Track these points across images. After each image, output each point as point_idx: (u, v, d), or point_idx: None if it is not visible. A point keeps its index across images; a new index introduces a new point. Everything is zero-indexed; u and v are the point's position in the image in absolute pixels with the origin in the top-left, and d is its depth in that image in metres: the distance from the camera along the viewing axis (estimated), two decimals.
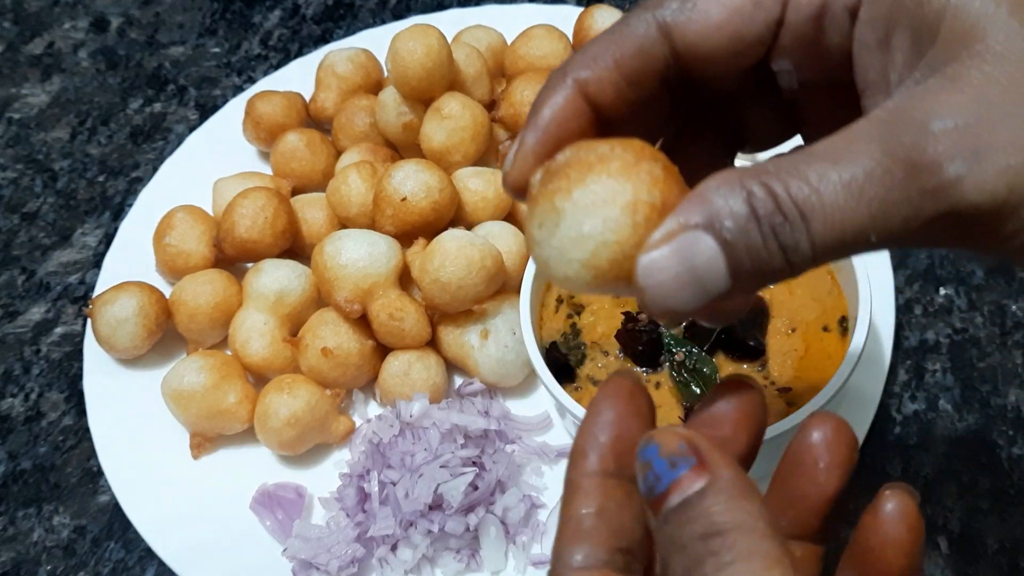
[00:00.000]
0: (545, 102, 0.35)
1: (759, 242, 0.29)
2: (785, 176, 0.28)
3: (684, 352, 0.62)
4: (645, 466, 0.29)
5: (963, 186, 0.28)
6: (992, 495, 0.66)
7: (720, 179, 0.29)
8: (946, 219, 0.29)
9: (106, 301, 0.73)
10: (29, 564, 0.69)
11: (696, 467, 0.28)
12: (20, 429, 0.76)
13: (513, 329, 0.70)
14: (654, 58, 0.35)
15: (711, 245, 0.29)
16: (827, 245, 0.28)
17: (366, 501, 0.66)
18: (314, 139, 0.83)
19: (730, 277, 0.29)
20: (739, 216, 0.29)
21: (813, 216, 0.28)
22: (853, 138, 0.29)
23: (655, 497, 0.28)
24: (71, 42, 1.03)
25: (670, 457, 0.28)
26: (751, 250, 0.29)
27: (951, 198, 0.28)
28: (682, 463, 0.28)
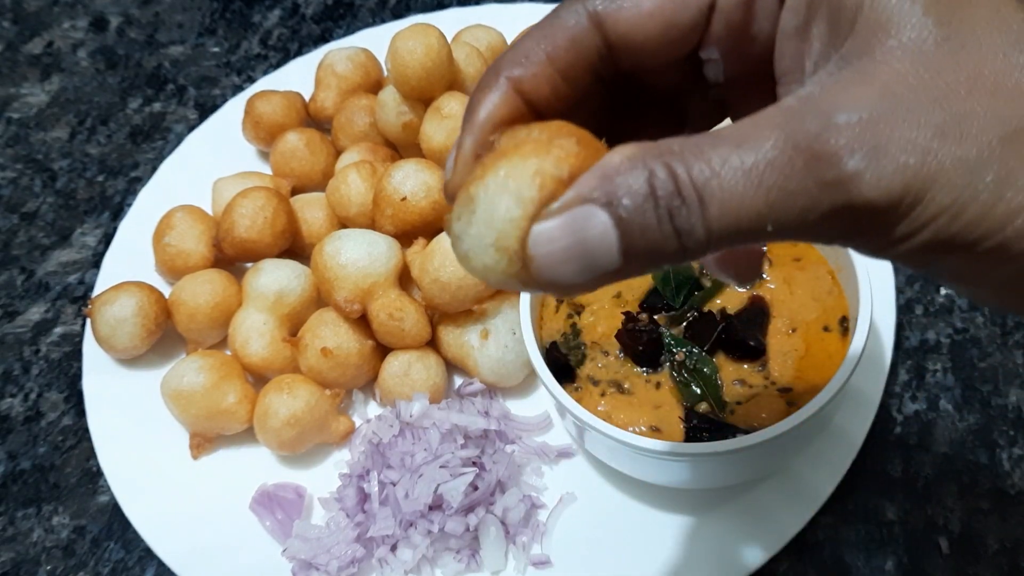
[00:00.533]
0: (480, 103, 0.34)
1: (654, 223, 0.28)
2: (689, 157, 0.28)
3: (684, 352, 0.62)
4: None
5: (861, 181, 0.28)
6: (992, 495, 0.66)
7: (624, 154, 0.29)
8: (842, 213, 0.28)
9: (105, 301, 0.73)
10: (29, 564, 0.69)
11: None
12: (20, 429, 0.76)
13: (513, 329, 0.70)
14: (587, 50, 0.34)
15: (605, 220, 0.28)
16: (722, 231, 0.28)
17: (366, 501, 0.66)
18: (314, 139, 0.83)
19: (621, 256, 0.28)
20: (637, 195, 0.28)
21: (711, 201, 0.28)
22: (759, 124, 0.29)
23: None
24: (70, 42, 1.03)
25: None
26: (645, 230, 0.28)
27: (848, 192, 0.28)
28: None
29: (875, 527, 0.65)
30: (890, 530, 0.65)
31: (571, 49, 0.34)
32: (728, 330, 0.62)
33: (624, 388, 0.62)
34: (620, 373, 0.63)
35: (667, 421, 0.60)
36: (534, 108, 0.34)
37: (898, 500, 0.66)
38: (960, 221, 0.28)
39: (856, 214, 0.28)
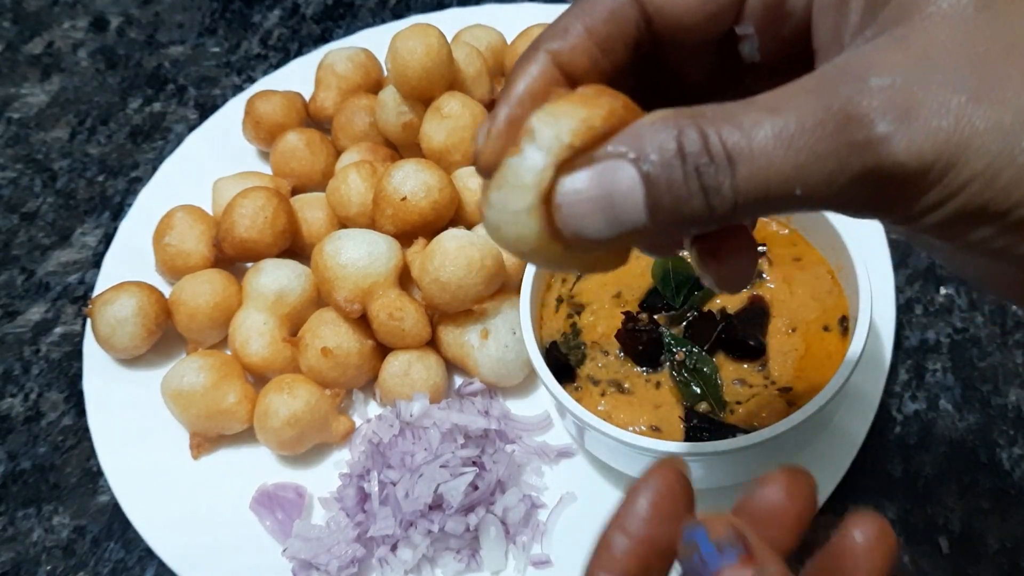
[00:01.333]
0: (519, 76, 0.34)
1: (680, 180, 0.28)
2: (720, 120, 0.28)
3: (684, 352, 0.62)
4: (690, 547, 0.29)
5: (890, 144, 0.27)
6: (993, 495, 0.66)
7: (656, 115, 0.29)
8: (871, 178, 0.28)
9: (106, 301, 0.73)
10: (29, 564, 0.69)
11: (744, 557, 0.28)
12: (20, 429, 0.76)
13: (513, 329, 0.70)
14: (625, 23, 0.34)
15: (631, 175, 0.28)
16: (750, 193, 0.28)
17: (366, 501, 0.66)
18: (314, 139, 0.83)
19: (647, 211, 0.29)
20: (665, 151, 0.28)
21: (740, 161, 0.28)
22: (793, 90, 0.29)
23: None
24: (70, 42, 1.03)
25: (718, 542, 0.28)
26: (672, 187, 0.28)
27: (878, 155, 0.27)
28: (730, 550, 0.28)
29: None
30: None
31: (610, 22, 0.34)
32: (728, 330, 0.62)
33: (624, 388, 0.62)
34: (620, 373, 0.63)
35: (667, 421, 0.60)
36: (572, 82, 0.34)
37: (898, 500, 0.66)
38: (994, 187, 0.27)
39: (885, 179, 0.28)
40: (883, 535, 0.30)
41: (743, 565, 0.28)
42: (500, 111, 0.34)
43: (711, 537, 0.28)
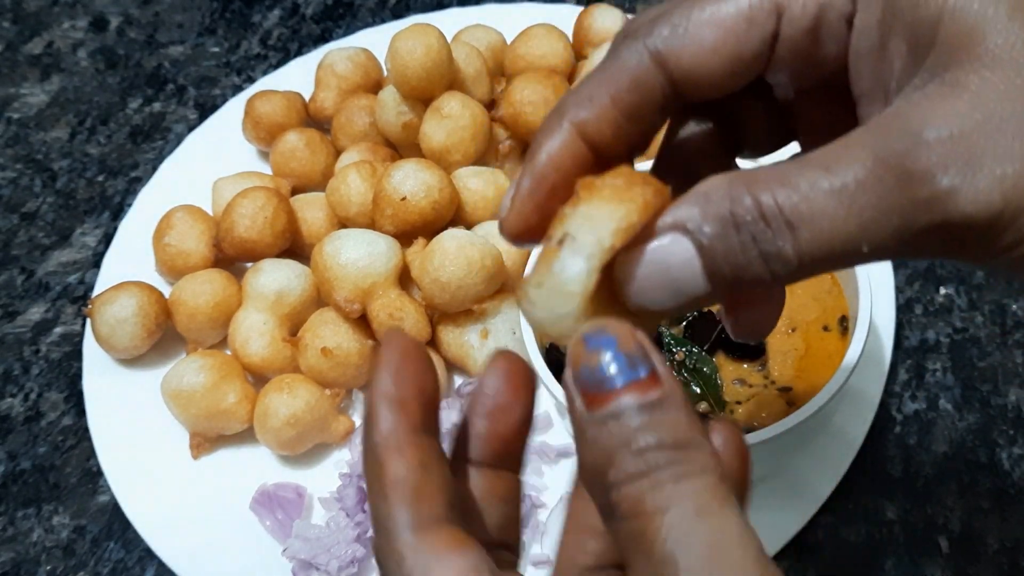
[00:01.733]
0: (542, 146, 0.34)
1: (737, 248, 0.28)
2: (774, 183, 0.28)
3: (684, 352, 0.62)
4: (594, 355, 0.27)
5: (957, 197, 0.27)
6: (992, 495, 0.66)
7: (709, 184, 0.29)
8: (940, 230, 0.28)
9: (105, 301, 0.73)
10: (29, 564, 0.69)
11: (652, 376, 0.27)
12: (19, 429, 0.76)
13: (513, 329, 0.70)
14: (651, 89, 0.33)
15: (687, 247, 0.29)
16: (815, 255, 0.28)
17: (366, 501, 0.66)
18: (314, 139, 0.83)
19: (707, 281, 0.29)
20: (719, 222, 0.28)
21: (801, 224, 0.28)
22: (847, 145, 0.28)
23: (603, 391, 0.27)
24: (70, 42, 1.03)
25: (629, 355, 0.27)
26: (728, 255, 0.28)
27: (945, 210, 0.27)
28: (640, 365, 0.27)
29: (875, 527, 0.65)
30: (890, 530, 0.65)
31: (634, 90, 0.33)
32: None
33: None
34: None
35: None
36: (596, 149, 0.34)
37: (898, 500, 0.66)
38: None
39: (955, 230, 0.28)
40: (735, 435, 0.31)
41: (650, 385, 0.27)
42: (523, 182, 0.34)
43: (621, 348, 0.27)
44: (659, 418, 0.27)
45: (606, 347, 0.27)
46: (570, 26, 0.87)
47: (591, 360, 0.27)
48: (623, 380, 0.27)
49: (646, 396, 0.27)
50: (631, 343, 0.28)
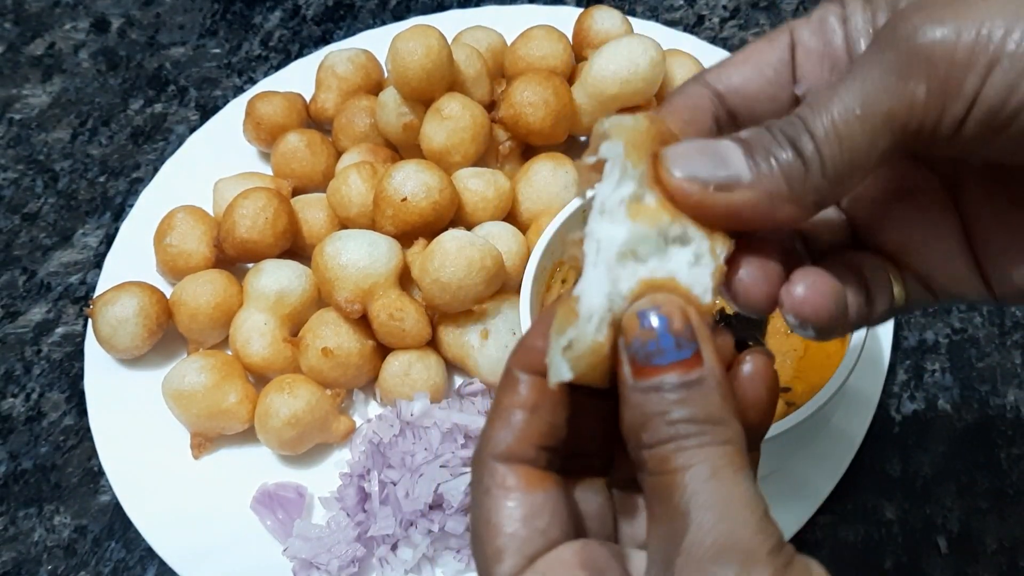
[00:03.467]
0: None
1: (768, 136, 0.32)
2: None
3: None
4: (647, 333, 0.31)
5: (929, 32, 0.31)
6: (991, 495, 0.66)
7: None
8: (914, 63, 0.30)
9: (107, 301, 0.73)
10: (30, 564, 0.70)
11: (696, 356, 0.31)
12: (21, 429, 0.76)
13: (513, 329, 0.70)
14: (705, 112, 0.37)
15: (728, 143, 0.33)
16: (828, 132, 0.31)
17: (366, 501, 0.66)
18: (314, 140, 0.83)
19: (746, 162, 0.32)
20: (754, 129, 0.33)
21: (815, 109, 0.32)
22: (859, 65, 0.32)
23: (650, 365, 0.31)
24: (72, 43, 1.03)
25: (678, 337, 0.31)
26: (763, 140, 0.32)
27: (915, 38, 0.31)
28: (687, 347, 0.31)
29: (874, 527, 0.65)
30: (889, 530, 0.65)
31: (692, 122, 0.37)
32: (727, 330, 0.62)
33: None
34: None
35: None
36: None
37: (897, 500, 0.66)
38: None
39: (927, 57, 0.30)
40: (767, 367, 0.34)
41: (693, 365, 0.31)
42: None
43: (672, 329, 0.31)
44: (694, 395, 0.30)
45: (658, 326, 0.31)
46: (570, 27, 0.87)
47: (643, 336, 0.31)
48: (669, 359, 0.31)
49: (687, 375, 0.30)
50: (681, 324, 0.31)
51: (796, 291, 0.34)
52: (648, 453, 0.31)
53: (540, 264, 0.66)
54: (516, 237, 0.74)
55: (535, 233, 0.74)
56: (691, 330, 0.31)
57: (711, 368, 0.31)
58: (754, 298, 0.34)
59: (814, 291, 0.34)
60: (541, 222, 0.74)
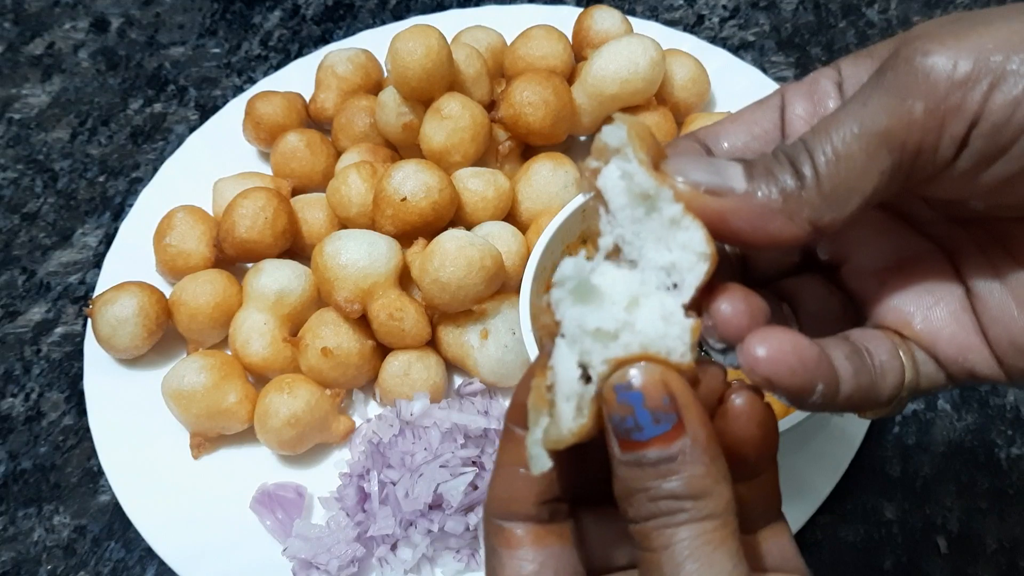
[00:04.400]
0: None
1: (770, 158, 0.33)
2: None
3: None
4: (624, 408, 0.30)
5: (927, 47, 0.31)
6: (991, 495, 0.66)
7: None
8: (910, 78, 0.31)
9: (106, 301, 0.73)
10: (30, 564, 0.70)
11: (677, 426, 0.30)
12: (20, 429, 0.76)
13: (513, 329, 0.70)
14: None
15: (731, 161, 0.33)
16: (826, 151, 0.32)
17: (366, 501, 0.66)
18: (314, 139, 0.83)
19: (744, 176, 0.32)
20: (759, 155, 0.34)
21: (815, 138, 0.32)
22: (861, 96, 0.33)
23: (631, 440, 0.30)
24: (71, 42, 1.03)
25: (654, 412, 0.30)
26: (764, 160, 0.33)
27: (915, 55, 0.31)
28: (665, 420, 0.30)
29: (874, 527, 0.65)
30: (889, 529, 0.65)
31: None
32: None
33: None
34: None
35: None
36: None
37: (897, 500, 0.66)
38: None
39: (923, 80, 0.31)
40: (755, 403, 0.33)
41: (673, 437, 0.30)
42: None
43: (647, 405, 0.30)
44: (676, 467, 0.30)
45: (634, 402, 0.30)
46: (570, 27, 0.87)
47: (621, 411, 0.30)
48: (648, 434, 0.30)
49: (667, 450, 0.30)
50: (658, 398, 0.30)
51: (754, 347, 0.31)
52: (633, 528, 0.31)
53: (540, 264, 0.66)
54: (516, 237, 0.74)
55: (535, 233, 0.74)
56: (670, 401, 0.30)
57: (695, 435, 0.30)
58: (731, 332, 0.32)
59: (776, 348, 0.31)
60: (541, 222, 0.74)
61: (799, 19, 0.98)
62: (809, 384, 0.32)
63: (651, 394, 0.30)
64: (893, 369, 0.35)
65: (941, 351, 0.36)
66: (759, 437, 0.33)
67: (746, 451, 0.33)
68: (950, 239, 0.37)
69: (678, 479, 0.30)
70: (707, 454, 0.30)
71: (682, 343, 0.31)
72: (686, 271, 0.32)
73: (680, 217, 0.32)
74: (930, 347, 0.36)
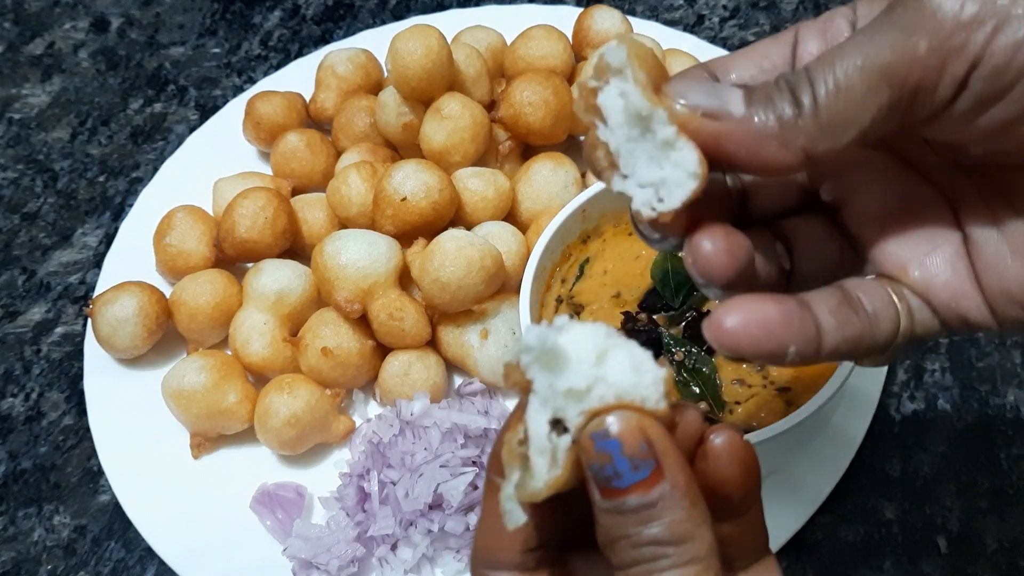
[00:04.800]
0: None
1: (772, 85, 0.33)
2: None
3: (683, 352, 0.62)
4: (603, 456, 0.30)
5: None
6: (991, 494, 0.66)
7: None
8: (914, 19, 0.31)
9: (106, 301, 0.73)
10: (30, 564, 0.70)
11: (656, 472, 0.30)
12: (20, 429, 0.76)
13: (513, 329, 0.70)
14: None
15: (732, 87, 0.33)
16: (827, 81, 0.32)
17: (366, 501, 0.66)
18: (314, 139, 0.83)
19: (744, 101, 0.33)
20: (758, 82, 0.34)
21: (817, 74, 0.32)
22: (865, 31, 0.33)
23: (611, 488, 0.30)
24: (71, 42, 1.03)
25: (632, 459, 0.30)
26: (766, 88, 0.33)
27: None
28: (643, 466, 0.30)
29: (874, 526, 0.65)
30: (889, 529, 0.65)
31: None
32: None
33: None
34: None
35: None
36: None
37: (897, 499, 0.66)
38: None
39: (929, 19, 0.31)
40: (735, 442, 0.33)
41: (653, 483, 0.30)
42: None
43: (625, 452, 0.30)
44: (656, 513, 0.30)
45: (612, 451, 0.30)
46: (570, 27, 0.87)
47: (599, 459, 0.30)
48: (627, 481, 0.30)
49: (647, 496, 0.30)
50: (636, 444, 0.30)
51: (721, 320, 0.33)
52: (617, 573, 0.31)
53: (540, 264, 0.66)
54: (516, 237, 0.74)
55: (535, 233, 0.74)
56: (647, 447, 0.30)
57: (674, 480, 0.30)
58: (711, 269, 0.34)
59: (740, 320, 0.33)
60: (541, 222, 0.74)
61: (799, 19, 0.98)
62: (779, 349, 0.33)
63: (629, 441, 0.30)
64: (888, 317, 0.36)
65: (935, 297, 0.36)
66: (740, 476, 0.33)
67: (728, 491, 0.33)
68: (952, 186, 0.37)
69: (659, 525, 0.30)
70: (687, 498, 0.30)
71: (656, 391, 0.31)
72: (674, 187, 0.33)
73: (674, 139, 0.33)
74: (925, 293, 0.36)
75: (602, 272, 0.68)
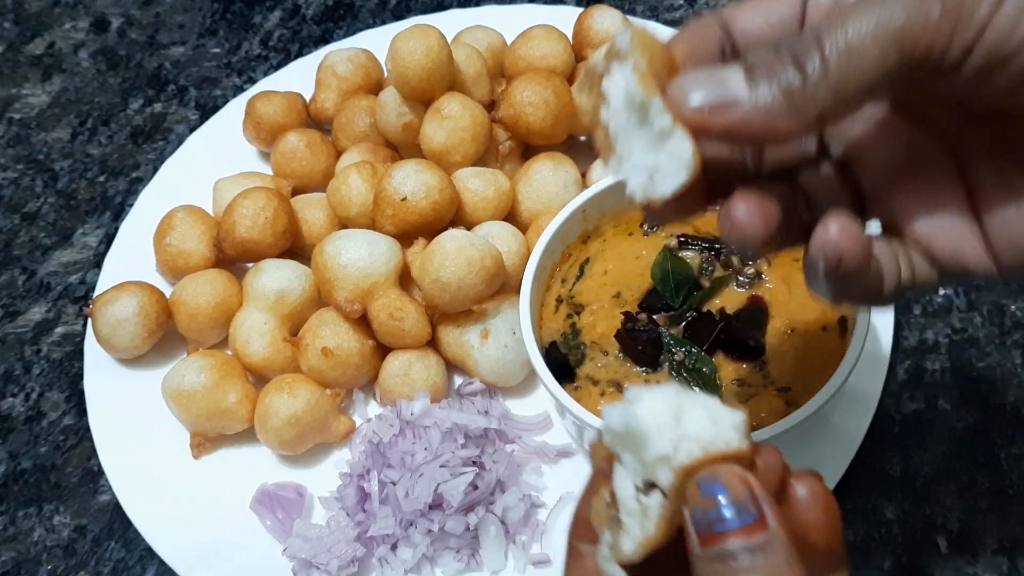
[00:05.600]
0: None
1: (775, 58, 0.33)
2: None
3: (683, 352, 0.62)
4: (707, 501, 0.31)
5: None
6: (991, 494, 0.66)
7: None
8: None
9: (107, 301, 0.73)
10: (30, 563, 0.70)
11: (759, 520, 0.31)
12: (21, 429, 0.76)
13: (513, 329, 0.70)
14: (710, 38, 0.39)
15: (732, 67, 0.34)
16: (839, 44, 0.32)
17: (366, 501, 0.66)
18: (314, 139, 0.83)
19: (747, 82, 0.33)
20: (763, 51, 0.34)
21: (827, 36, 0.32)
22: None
23: (712, 533, 0.31)
24: (72, 42, 1.03)
25: (737, 504, 0.31)
26: (768, 61, 0.33)
27: None
28: (746, 513, 0.31)
29: (874, 526, 0.65)
30: (889, 529, 0.65)
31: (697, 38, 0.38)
32: (727, 330, 0.62)
33: (623, 388, 0.62)
34: (619, 373, 0.63)
35: None
36: None
37: (897, 499, 0.66)
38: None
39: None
40: (818, 488, 0.34)
41: (756, 530, 0.31)
42: None
43: (730, 497, 0.31)
44: (761, 561, 0.30)
45: (718, 493, 0.31)
46: (570, 27, 0.87)
47: (704, 503, 0.31)
48: (732, 526, 0.31)
49: (752, 540, 0.31)
50: (741, 491, 0.31)
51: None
52: None
53: (540, 264, 0.66)
54: (516, 237, 0.74)
55: (535, 233, 0.74)
56: (750, 495, 0.31)
57: (775, 530, 0.31)
58: (750, 233, 0.35)
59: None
60: (541, 222, 0.74)
61: None
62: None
63: (733, 485, 0.31)
64: (890, 272, 0.38)
65: (937, 245, 0.38)
66: (824, 522, 0.34)
67: (814, 537, 0.34)
68: (960, 140, 0.38)
69: (765, 570, 0.30)
70: (788, 550, 0.31)
71: (736, 433, 0.33)
72: (667, 175, 0.34)
73: (670, 129, 0.33)
74: (927, 242, 0.38)
75: (602, 272, 0.68)
